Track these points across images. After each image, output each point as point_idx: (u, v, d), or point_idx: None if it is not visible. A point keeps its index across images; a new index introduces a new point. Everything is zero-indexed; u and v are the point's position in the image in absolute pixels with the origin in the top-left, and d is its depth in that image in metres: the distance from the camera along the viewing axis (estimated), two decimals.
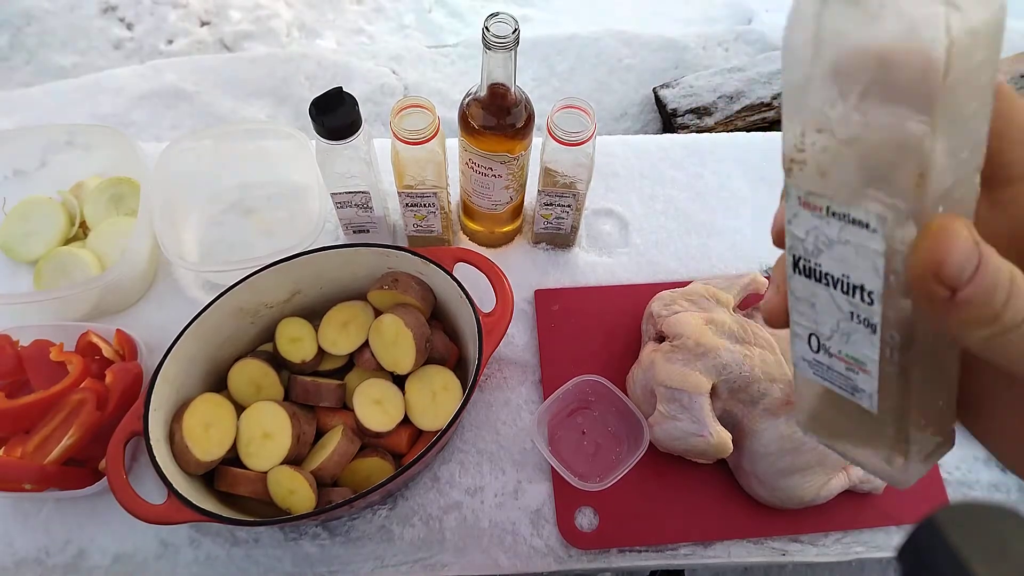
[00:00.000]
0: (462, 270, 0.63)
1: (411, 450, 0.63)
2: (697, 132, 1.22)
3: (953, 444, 0.27)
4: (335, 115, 0.60)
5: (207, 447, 0.58)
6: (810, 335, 0.26)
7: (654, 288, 0.71)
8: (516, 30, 0.53)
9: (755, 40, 1.84)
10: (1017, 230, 0.24)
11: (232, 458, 0.60)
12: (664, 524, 0.62)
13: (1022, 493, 0.66)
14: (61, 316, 0.70)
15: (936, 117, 0.19)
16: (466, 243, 0.78)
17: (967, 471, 0.66)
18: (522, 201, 0.74)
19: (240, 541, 0.62)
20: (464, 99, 0.62)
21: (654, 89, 1.71)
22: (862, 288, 0.23)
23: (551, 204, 0.70)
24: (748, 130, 1.40)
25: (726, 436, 0.59)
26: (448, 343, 0.66)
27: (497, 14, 0.53)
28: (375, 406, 0.61)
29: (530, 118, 0.62)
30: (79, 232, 0.76)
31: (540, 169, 0.67)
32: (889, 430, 0.25)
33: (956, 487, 0.66)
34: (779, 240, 0.26)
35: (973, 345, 0.22)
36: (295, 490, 0.57)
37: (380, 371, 0.64)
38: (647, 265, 0.77)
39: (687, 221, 0.80)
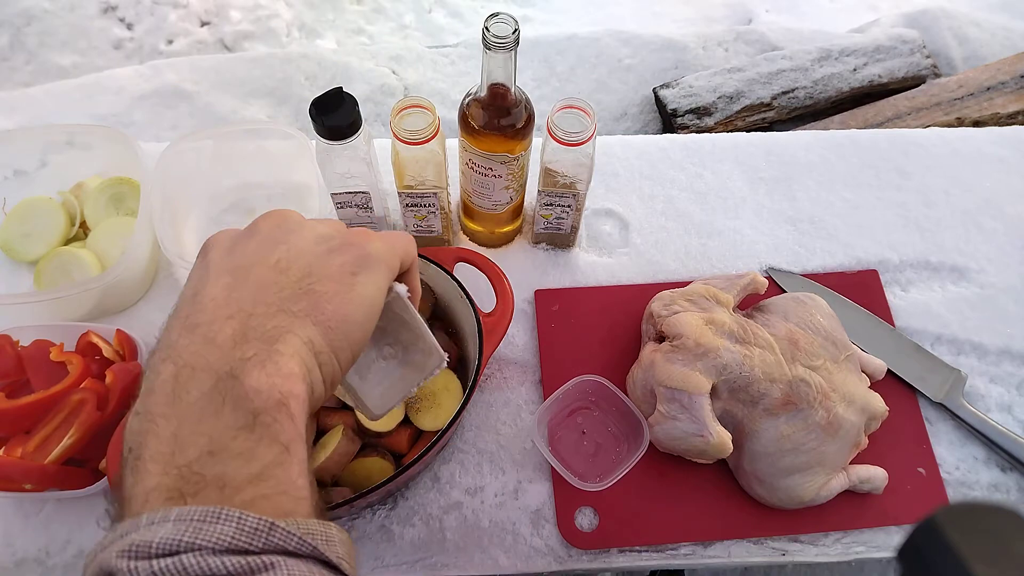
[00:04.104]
0: (462, 270, 0.63)
1: (411, 450, 0.63)
2: (697, 132, 1.22)
3: None
4: (335, 115, 0.60)
5: None
6: None
7: (654, 288, 0.71)
8: (516, 30, 0.53)
9: (755, 40, 1.84)
10: None
11: None
12: (664, 524, 0.62)
13: (1022, 493, 0.66)
14: (61, 316, 0.70)
15: None
16: (466, 243, 0.78)
17: (967, 471, 0.66)
18: (522, 201, 0.74)
19: None
20: (464, 99, 0.62)
21: (654, 89, 1.71)
22: None
23: (551, 204, 0.70)
24: (748, 130, 1.40)
25: (726, 436, 0.59)
26: (448, 343, 0.66)
27: (497, 14, 0.53)
28: None
29: (530, 118, 0.62)
30: (79, 232, 0.76)
31: (540, 169, 0.67)
32: None
33: (956, 487, 0.66)
34: None
35: None
36: None
37: None
38: (647, 265, 0.77)
39: (687, 221, 0.80)
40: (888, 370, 0.68)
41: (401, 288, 0.39)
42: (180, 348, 0.31)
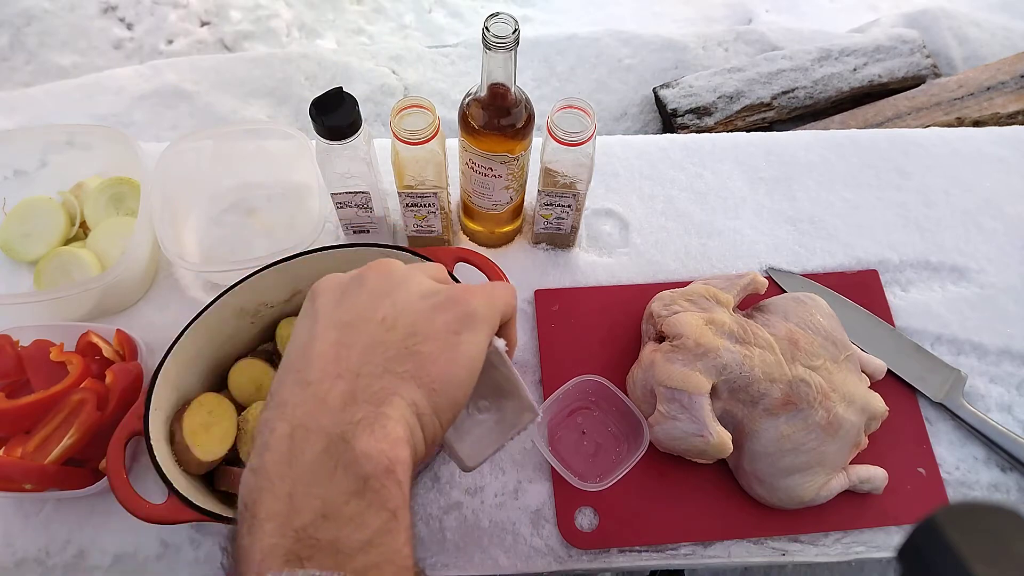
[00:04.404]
0: (462, 270, 0.63)
1: None
2: (697, 132, 1.22)
3: None
4: (335, 115, 0.60)
5: (208, 447, 0.58)
6: None
7: (654, 288, 0.71)
8: (516, 30, 0.53)
9: (755, 40, 1.84)
10: None
11: (233, 457, 0.60)
12: (664, 524, 0.62)
13: (1022, 493, 0.66)
14: (61, 316, 0.70)
15: None
16: (466, 243, 0.78)
17: (967, 471, 0.66)
18: (522, 201, 0.74)
19: None
20: (464, 99, 0.62)
21: (654, 89, 1.71)
22: None
23: (551, 204, 0.70)
24: (748, 130, 1.40)
25: (726, 436, 0.59)
26: None
27: (497, 14, 0.53)
28: None
29: (530, 118, 0.62)
30: (79, 232, 0.76)
31: (540, 169, 0.67)
32: None
33: (956, 487, 0.66)
34: None
35: None
36: None
37: None
38: (647, 265, 0.77)
39: (687, 221, 0.80)
40: (888, 370, 0.68)
41: (500, 343, 0.40)
42: (293, 406, 0.32)
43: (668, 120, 1.67)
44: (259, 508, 0.30)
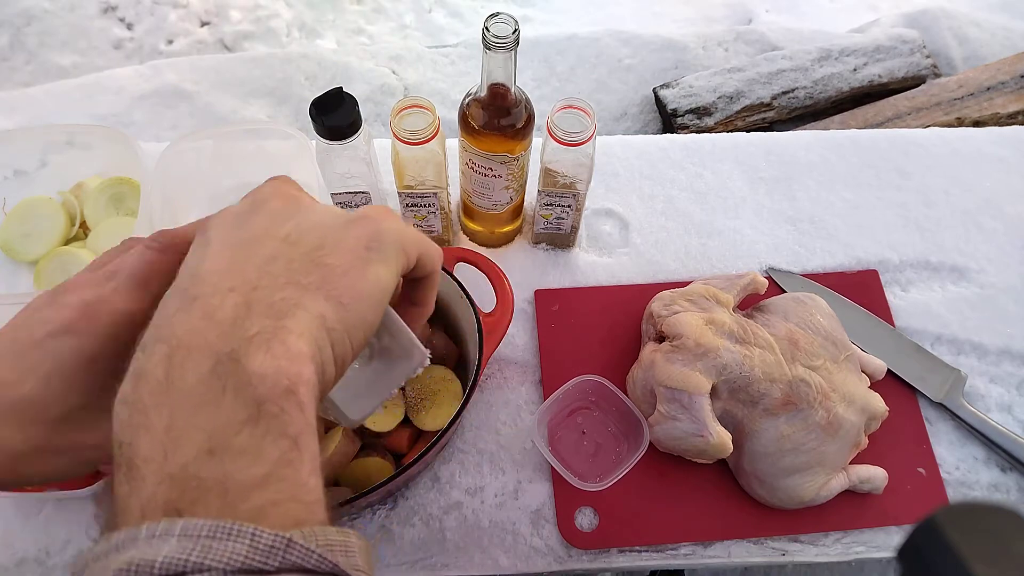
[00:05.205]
0: (462, 270, 0.63)
1: (411, 450, 0.63)
2: (697, 132, 1.22)
3: None
4: (335, 115, 0.60)
5: None
6: None
7: (654, 288, 0.71)
8: (516, 30, 0.53)
9: (755, 40, 1.84)
10: None
11: None
12: (664, 524, 0.62)
13: (1022, 493, 0.66)
14: None
15: None
16: (466, 243, 0.78)
17: (967, 471, 0.66)
18: (522, 201, 0.74)
19: None
20: (464, 99, 0.62)
21: (654, 89, 1.71)
22: None
23: (551, 204, 0.70)
24: (748, 130, 1.40)
25: (726, 436, 0.59)
26: (448, 343, 0.66)
27: (497, 14, 0.53)
28: None
29: (530, 118, 0.62)
30: (79, 232, 0.76)
31: (540, 169, 0.67)
32: None
33: (956, 487, 0.66)
34: None
35: None
36: None
37: None
38: (647, 265, 0.77)
39: (687, 221, 0.80)
40: (888, 370, 0.68)
41: None
42: (175, 324, 0.27)
43: (668, 120, 1.67)
44: (135, 450, 0.25)
